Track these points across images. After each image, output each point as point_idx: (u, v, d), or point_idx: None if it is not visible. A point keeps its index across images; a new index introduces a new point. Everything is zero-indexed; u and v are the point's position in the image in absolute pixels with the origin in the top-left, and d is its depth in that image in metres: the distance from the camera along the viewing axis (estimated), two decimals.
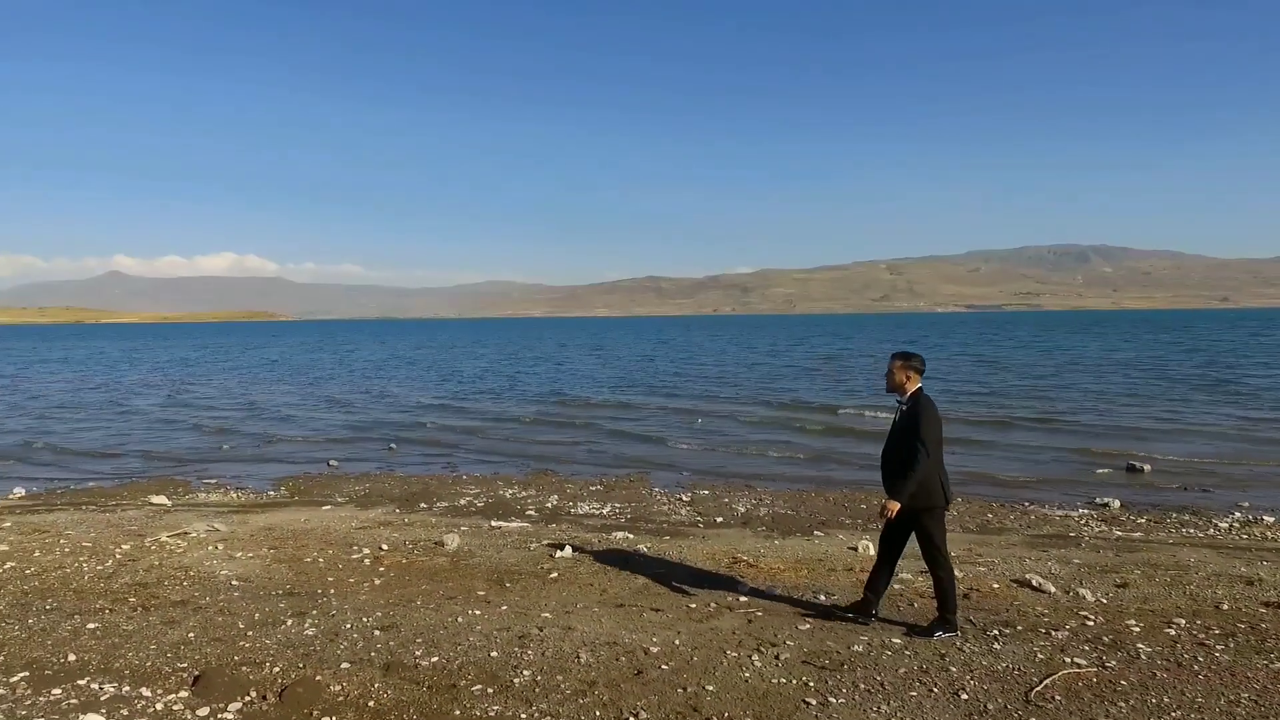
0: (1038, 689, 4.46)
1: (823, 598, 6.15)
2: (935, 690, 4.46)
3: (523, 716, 4.15)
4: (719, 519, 10.00)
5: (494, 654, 4.94)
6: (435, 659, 4.87)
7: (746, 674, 4.68)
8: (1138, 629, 5.43)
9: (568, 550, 7.47)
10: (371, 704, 4.28)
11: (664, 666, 4.77)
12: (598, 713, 4.20)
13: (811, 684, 4.55)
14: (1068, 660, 4.87)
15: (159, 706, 4.26)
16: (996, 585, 6.52)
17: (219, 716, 4.16)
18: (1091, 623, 5.57)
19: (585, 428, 19.47)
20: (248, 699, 4.36)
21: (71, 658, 4.91)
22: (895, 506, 5.10)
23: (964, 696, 4.39)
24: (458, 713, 4.20)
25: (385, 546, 7.68)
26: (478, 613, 5.70)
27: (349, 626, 5.41)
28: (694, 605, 5.90)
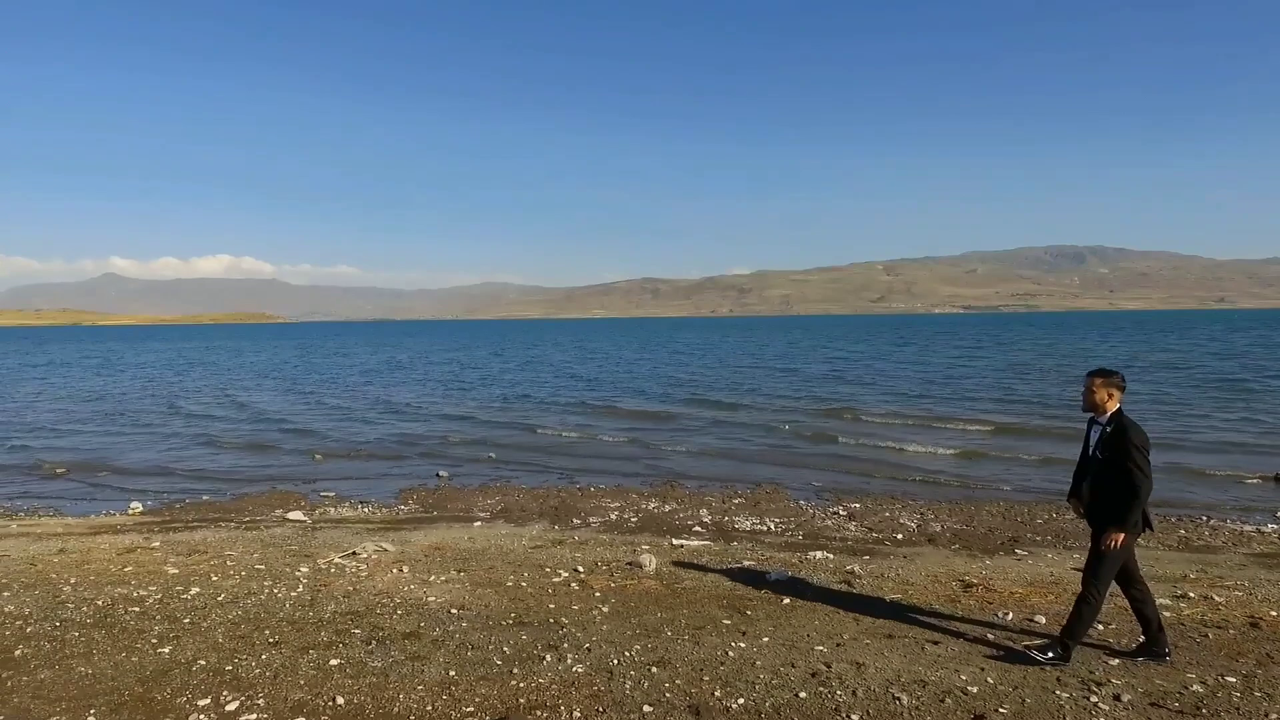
0: None
1: (1100, 627, 5.63)
2: None
3: None
4: (898, 535, 9.47)
5: (802, 695, 4.49)
6: (741, 700, 4.43)
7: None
8: None
9: (782, 572, 7.01)
10: None
11: (1001, 710, 4.29)
12: None
13: None
14: None
15: None
16: (1275, 613, 5.97)
17: None
18: None
19: (650, 439, 18.45)
20: None
21: (340, 701, 4.52)
22: (1121, 537, 4.73)
23: None
24: None
25: (581, 569, 7.26)
26: (742, 645, 5.25)
27: (616, 662, 4.98)
28: (973, 637, 5.41)
